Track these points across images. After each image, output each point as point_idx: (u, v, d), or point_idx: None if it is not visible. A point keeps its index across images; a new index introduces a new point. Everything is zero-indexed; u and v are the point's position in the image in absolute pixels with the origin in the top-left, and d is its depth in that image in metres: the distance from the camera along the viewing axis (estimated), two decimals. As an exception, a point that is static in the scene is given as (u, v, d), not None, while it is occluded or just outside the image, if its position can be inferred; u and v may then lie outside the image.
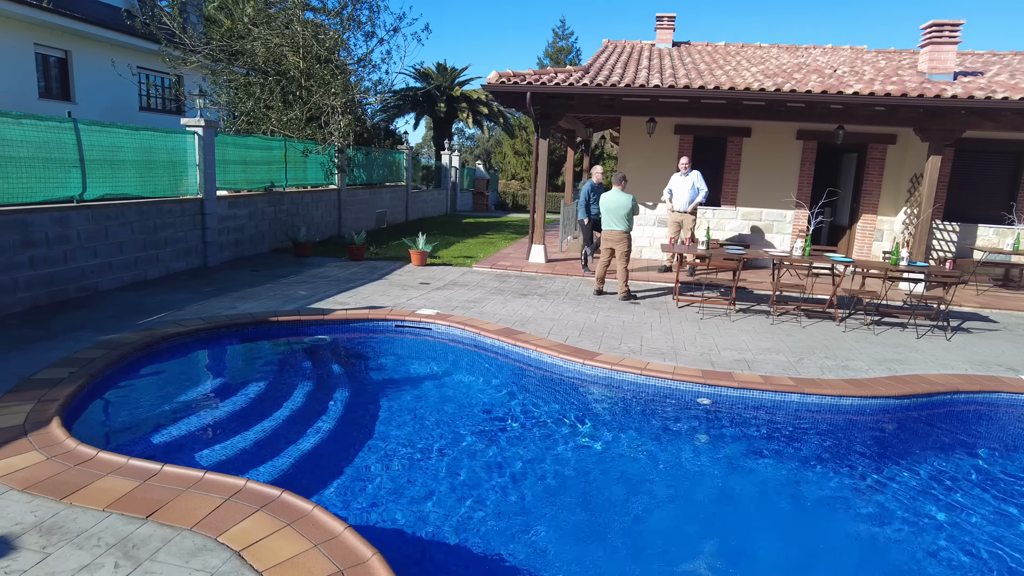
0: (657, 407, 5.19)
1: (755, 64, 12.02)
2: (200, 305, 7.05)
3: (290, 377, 5.47)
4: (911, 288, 9.28)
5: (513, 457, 4.21)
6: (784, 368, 5.93)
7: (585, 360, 5.72)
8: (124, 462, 3.43)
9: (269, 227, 11.17)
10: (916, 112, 9.36)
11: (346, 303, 7.50)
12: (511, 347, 6.20)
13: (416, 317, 6.94)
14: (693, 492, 3.99)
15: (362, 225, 15.39)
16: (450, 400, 5.20)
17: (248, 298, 7.52)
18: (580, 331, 6.84)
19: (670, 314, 7.99)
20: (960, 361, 6.49)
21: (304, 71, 13.02)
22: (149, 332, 5.76)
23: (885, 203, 11.29)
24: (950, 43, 10.40)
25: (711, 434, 4.78)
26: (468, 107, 27.74)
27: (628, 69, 11.30)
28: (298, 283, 8.62)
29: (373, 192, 16.09)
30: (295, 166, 12.13)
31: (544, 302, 8.25)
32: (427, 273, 9.98)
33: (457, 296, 8.31)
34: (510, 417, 4.89)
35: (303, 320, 6.62)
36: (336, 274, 9.47)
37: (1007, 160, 10.96)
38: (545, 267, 10.82)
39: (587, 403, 5.30)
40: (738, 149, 11.61)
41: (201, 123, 8.95)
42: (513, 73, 10.27)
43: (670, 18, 14.82)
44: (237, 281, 8.54)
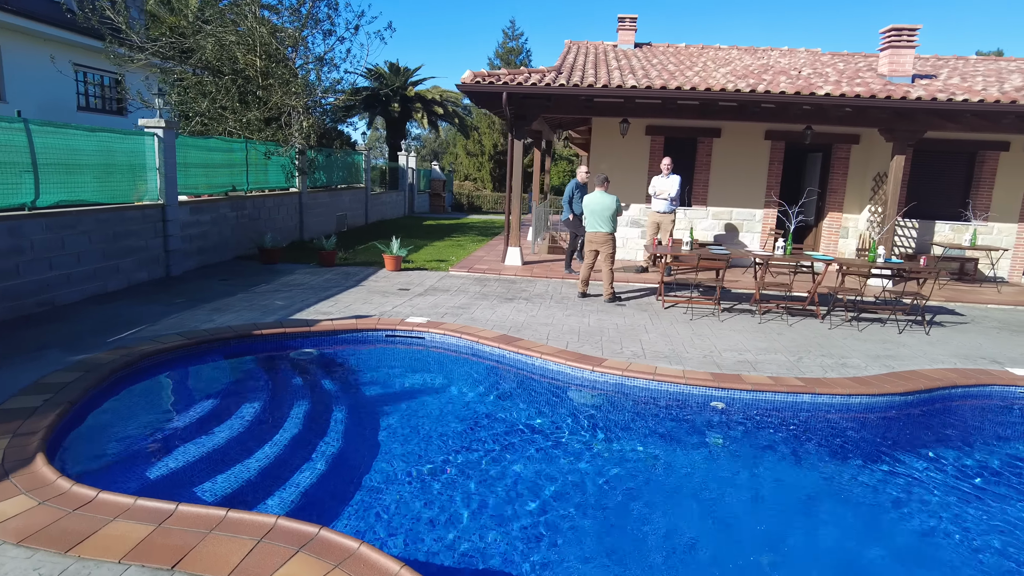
0: (676, 413, 5.09)
1: (722, 65, 12.18)
2: (174, 318, 6.56)
3: (284, 396, 5.12)
4: (884, 284, 9.55)
5: (541, 475, 4.01)
6: (787, 368, 5.94)
7: (594, 367, 5.57)
8: (131, 503, 3.07)
9: (232, 233, 10.61)
10: (884, 113, 9.64)
11: (329, 312, 7.14)
12: (513, 355, 6.00)
13: (407, 326, 6.65)
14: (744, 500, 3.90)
15: (323, 229, 14.87)
16: (459, 416, 4.96)
17: (224, 310, 7.06)
18: (578, 336, 6.70)
19: (659, 316, 7.95)
20: (946, 355, 6.67)
21: (262, 70, 12.46)
22: (126, 350, 5.29)
23: (850, 201, 11.63)
24: (908, 47, 10.78)
25: (742, 440, 4.70)
26: (423, 107, 27.29)
27: (600, 70, 11.26)
28: (272, 292, 8.18)
29: (333, 195, 15.58)
30: (257, 169, 11.58)
31: (532, 306, 8.08)
32: (404, 278, 9.67)
33: (442, 302, 8.04)
34: (529, 430, 4.69)
35: (289, 333, 6.24)
36: (310, 281, 9.05)
37: (961, 159, 11.45)
38: (523, 270, 10.66)
39: (606, 412, 5.14)
40: (708, 150, 11.74)
41: (161, 124, 8.38)
42: (488, 73, 10.06)
43: (632, 19, 14.89)
44: (207, 291, 8.03)
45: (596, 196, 8.51)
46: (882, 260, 8.26)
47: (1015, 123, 9.69)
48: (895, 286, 9.89)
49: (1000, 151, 11.11)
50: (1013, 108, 9.16)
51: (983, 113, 9.39)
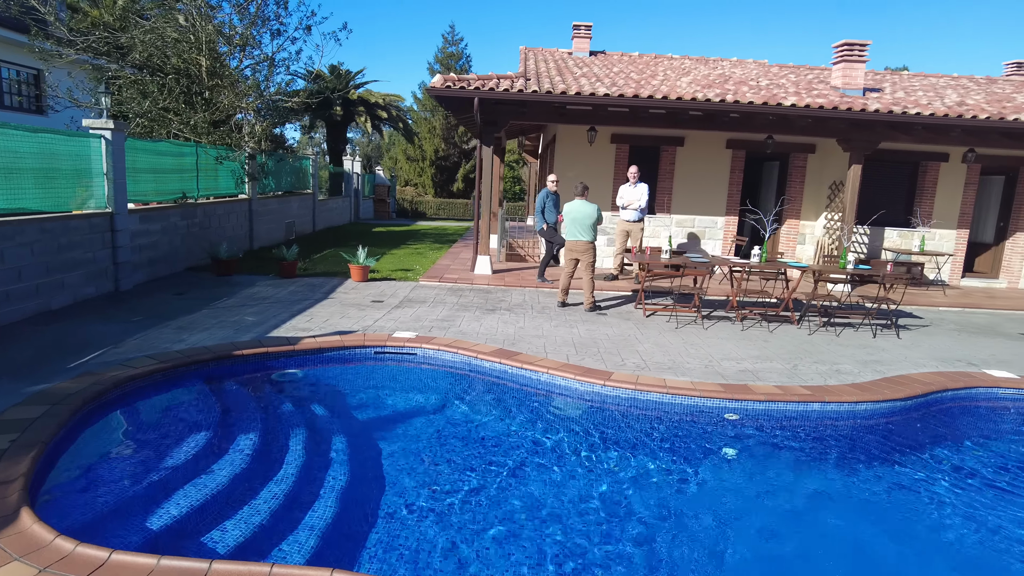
0: (698, 427, 4.99)
1: (682, 74, 12.37)
2: (138, 339, 5.95)
3: (276, 425, 4.68)
4: (844, 289, 9.89)
5: (578, 505, 3.80)
6: (787, 376, 5.98)
7: (605, 381, 5.41)
8: (154, 564, 2.66)
9: (183, 243, 9.86)
10: (843, 124, 10.02)
11: (308, 329, 6.68)
12: (516, 370, 5.76)
13: (396, 342, 6.30)
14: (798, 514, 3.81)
15: (272, 237, 14.14)
16: (468, 439, 4.67)
17: (191, 328, 6.48)
18: (575, 348, 6.54)
19: (645, 325, 7.90)
20: (925, 358, 6.91)
21: (208, 70, 11.72)
22: (93, 378, 4.71)
23: (807, 208, 12.03)
24: (860, 61, 11.27)
25: (771, 451, 4.64)
26: (366, 111, 26.61)
27: (566, 77, 11.20)
28: (238, 307, 7.60)
29: (282, 201, 14.85)
30: (207, 174, 10.84)
31: (516, 317, 7.86)
32: (374, 290, 9.24)
33: (423, 315, 7.71)
34: (550, 452, 4.47)
35: (272, 352, 5.77)
36: (274, 294, 8.49)
37: (906, 169, 12.07)
38: (494, 279, 10.42)
39: (628, 429, 4.97)
40: (672, 158, 11.88)
41: (109, 125, 7.66)
42: (457, 77, 9.79)
43: (587, 27, 14.94)
44: (165, 307, 7.37)
45: (577, 204, 8.39)
46: (852, 266, 8.54)
47: (960, 136, 10.27)
48: (854, 291, 10.27)
49: (940, 162, 11.78)
50: (960, 122, 9.69)
51: (934, 126, 9.90)
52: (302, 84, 25.95)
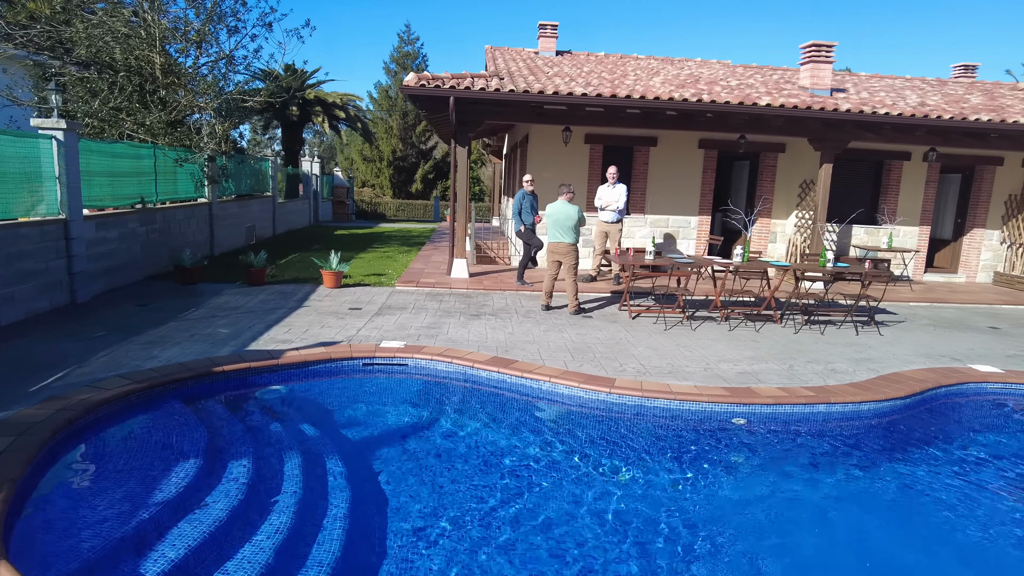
0: (707, 432, 4.88)
1: (652, 74, 12.36)
2: (104, 356, 5.48)
3: (268, 449, 4.32)
4: (818, 286, 10.02)
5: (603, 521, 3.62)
6: (787, 377, 5.94)
7: (611, 389, 5.25)
8: (165, 621, 2.33)
9: (142, 250, 9.27)
10: (816, 123, 10.15)
11: (288, 340, 6.31)
12: (516, 379, 5.54)
13: (386, 352, 5.99)
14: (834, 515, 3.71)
15: (233, 242, 13.53)
16: (474, 456, 4.44)
17: (161, 342, 6.02)
18: (570, 354, 6.36)
19: (634, 327, 7.79)
20: (911, 355, 7.00)
21: (163, 67, 11.11)
22: (61, 403, 4.28)
23: (777, 207, 12.18)
24: (827, 62, 11.46)
25: (786, 454, 4.55)
26: (323, 111, 25.89)
27: (539, 76, 11.03)
28: (208, 318, 7.15)
29: (243, 205, 14.23)
30: (166, 178, 10.24)
31: (503, 323, 7.64)
32: (349, 296, 8.87)
33: (407, 322, 7.40)
34: (564, 466, 4.27)
35: (254, 368, 5.40)
36: (245, 304, 8.04)
37: (871, 168, 12.36)
38: (472, 282, 10.16)
39: (641, 437, 4.81)
40: (645, 158, 11.85)
41: (61, 125, 7.09)
42: (432, 76, 9.50)
43: (553, 27, 14.82)
44: (129, 320, 6.86)
45: (558, 206, 8.23)
46: (831, 264, 8.64)
47: (924, 135, 10.55)
48: (830, 288, 10.43)
49: (903, 161, 12.10)
50: (926, 122, 9.94)
51: (902, 126, 10.13)
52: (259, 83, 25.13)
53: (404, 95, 9.39)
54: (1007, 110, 11.15)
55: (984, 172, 12.42)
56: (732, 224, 13.14)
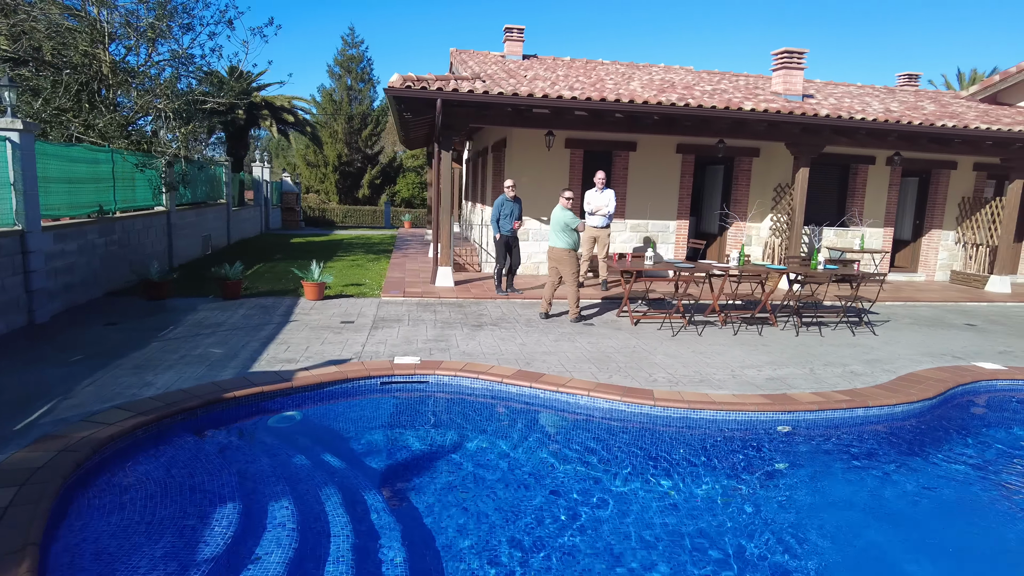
0: (760, 442, 4.73)
1: (625, 79, 12.34)
2: (91, 385, 4.86)
3: (301, 486, 3.87)
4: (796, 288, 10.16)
5: (676, 539, 3.40)
6: (813, 381, 5.90)
7: (655, 401, 5.04)
8: None
9: (101, 264, 8.46)
10: (796, 128, 10.32)
11: (293, 360, 5.81)
12: (551, 394, 5.26)
13: (404, 369, 5.60)
14: (915, 518, 3.60)
15: (191, 252, 12.66)
16: (521, 480, 4.13)
17: (151, 367, 5.42)
18: (593, 364, 6.13)
19: (640, 334, 7.64)
20: (915, 354, 7.12)
21: (112, 65, 10.27)
22: (59, 442, 3.71)
23: (753, 211, 12.36)
24: (798, 68, 11.73)
25: (848, 460, 4.45)
26: (271, 115, 24.83)
27: (519, 79, 10.81)
28: (193, 337, 6.53)
29: (199, 213, 13.35)
30: (124, 184, 9.41)
31: (510, 333, 7.34)
32: (336, 309, 8.36)
33: (411, 335, 7.00)
34: (622, 486, 4.02)
35: (266, 392, 4.91)
36: (227, 320, 7.43)
37: (838, 171, 12.73)
38: (458, 291, 9.80)
39: (699, 452, 4.60)
40: (625, 163, 11.80)
41: (17, 126, 6.34)
42: (417, 77, 9.12)
43: (519, 30, 14.67)
44: (104, 342, 6.18)
45: (556, 212, 8.03)
46: (821, 267, 8.76)
47: (894, 140, 10.91)
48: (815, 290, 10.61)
49: (868, 164, 12.52)
50: (898, 127, 10.28)
51: (875, 131, 10.44)
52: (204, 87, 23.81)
53: (388, 96, 8.95)
54: (963, 116, 11.69)
55: (940, 176, 13.01)
56: (705, 228, 13.27)
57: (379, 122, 39.73)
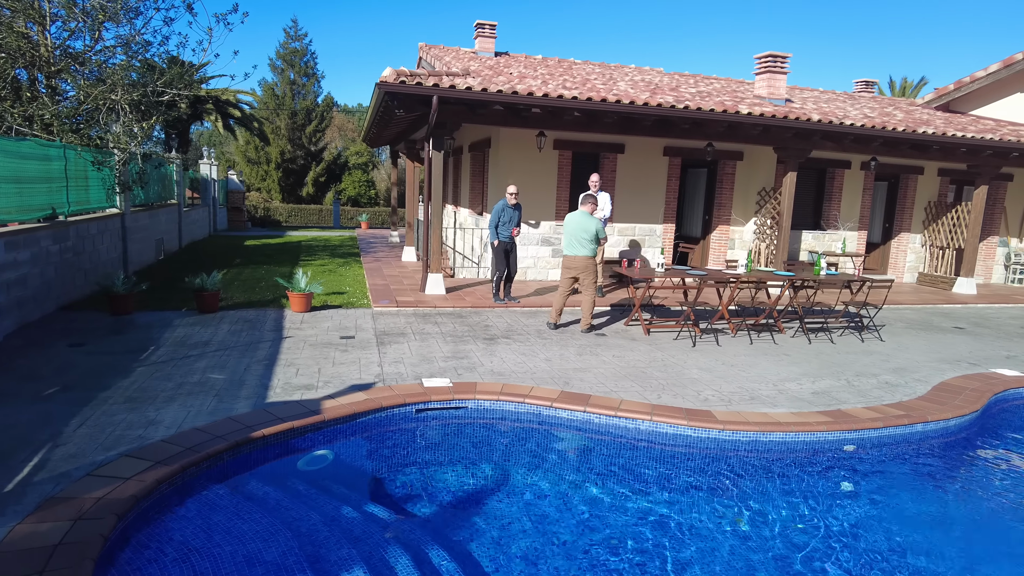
0: (837, 463, 4.48)
1: (612, 80, 12.08)
2: (85, 426, 4.11)
3: (364, 546, 3.32)
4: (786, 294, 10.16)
5: None
6: (855, 394, 5.74)
7: (725, 425, 4.71)
8: None
9: (56, 275, 7.47)
10: (788, 133, 10.30)
11: (310, 385, 5.18)
12: (607, 419, 4.85)
13: (440, 394, 5.07)
14: None
15: (145, 258, 11.56)
16: (595, 521, 3.72)
17: (147, 399, 4.68)
18: (633, 381, 5.76)
19: (660, 345, 7.34)
20: (933, 361, 7.12)
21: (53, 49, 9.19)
22: (69, 507, 3.03)
23: (736, 214, 12.34)
24: (782, 72, 11.77)
25: (925, 477, 4.24)
26: (216, 109, 23.33)
27: (507, 76, 10.36)
28: (181, 360, 5.76)
29: (152, 215, 12.22)
30: (77, 184, 8.37)
31: (527, 346, 6.89)
32: (329, 322, 7.68)
33: (425, 351, 6.44)
34: (717, 524, 3.67)
35: (297, 428, 4.29)
36: (212, 337, 6.65)
37: (816, 175, 12.89)
38: (452, 299, 9.25)
39: (781, 480, 4.30)
40: (613, 165, 11.53)
41: (-34, 116, 5.41)
42: (410, 73, 8.52)
43: (491, 26, 14.20)
44: (74, 368, 5.34)
45: (574, 216, 7.65)
46: (824, 273, 8.73)
47: (878, 148, 11.09)
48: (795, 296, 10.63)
49: (845, 169, 12.73)
50: (883, 134, 10.43)
51: (862, 136, 10.55)
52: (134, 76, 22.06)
53: (382, 91, 8.31)
54: (934, 123, 12.03)
55: (908, 180, 13.39)
56: (687, 232, 13.19)
57: (324, 118, 38.40)
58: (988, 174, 12.19)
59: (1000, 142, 11.13)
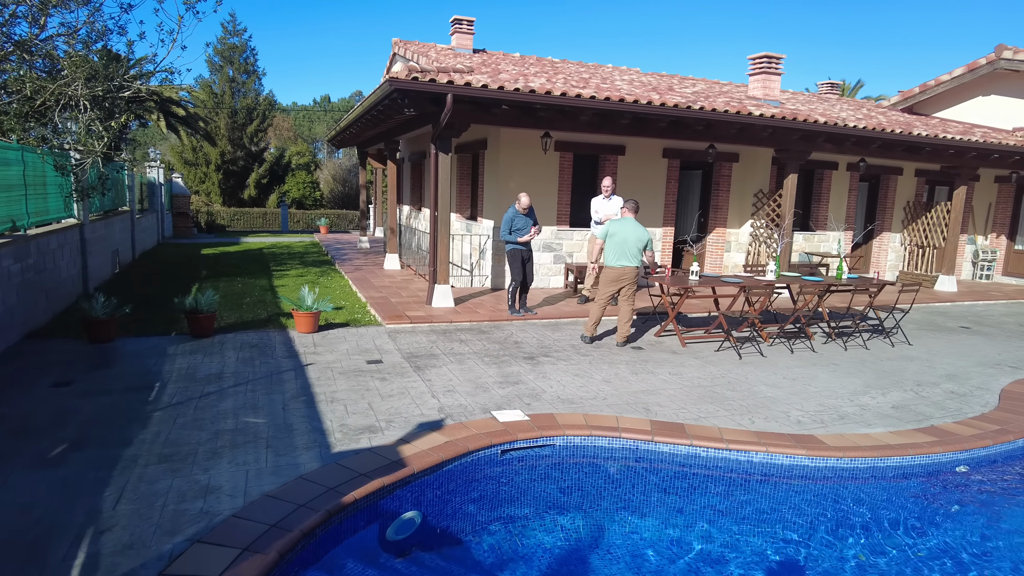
0: (969, 486, 4.17)
1: (611, 79, 11.69)
2: (124, 500, 3.30)
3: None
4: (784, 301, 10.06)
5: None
6: (933, 407, 5.52)
7: (844, 453, 4.34)
8: None
9: (19, 299, 6.39)
10: (795, 135, 10.17)
11: (371, 427, 4.49)
12: (715, 453, 4.38)
13: (522, 431, 4.48)
14: None
15: (102, 272, 10.32)
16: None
17: (185, 456, 3.87)
18: (710, 403, 5.33)
19: (706, 357, 6.97)
20: (975, 366, 7.04)
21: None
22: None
23: (732, 217, 12.19)
24: (776, 73, 11.69)
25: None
26: (158, 107, 21.55)
27: (507, 74, 9.78)
28: (198, 399, 4.92)
29: (107, 224, 10.95)
30: (36, 191, 7.25)
31: (574, 365, 6.36)
32: (345, 344, 6.91)
33: (470, 376, 5.81)
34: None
35: (387, 485, 3.61)
36: (222, 369, 5.80)
37: (803, 176, 12.90)
38: (465, 312, 8.61)
39: (925, 509, 3.94)
40: (614, 167, 11.13)
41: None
42: (421, 68, 7.84)
43: (469, 22, 13.60)
44: (74, 416, 4.43)
45: (629, 225, 7.20)
46: (846, 277, 8.61)
47: (876, 150, 11.14)
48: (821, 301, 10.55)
49: (832, 170, 12.81)
50: (882, 136, 10.47)
51: (863, 139, 10.56)
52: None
53: (391, 88, 7.57)
54: (913, 124, 12.24)
55: (889, 181, 13.64)
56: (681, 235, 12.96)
57: (265, 116, 36.65)
58: (967, 175, 12.52)
59: (986, 144, 11.41)
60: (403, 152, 16.99)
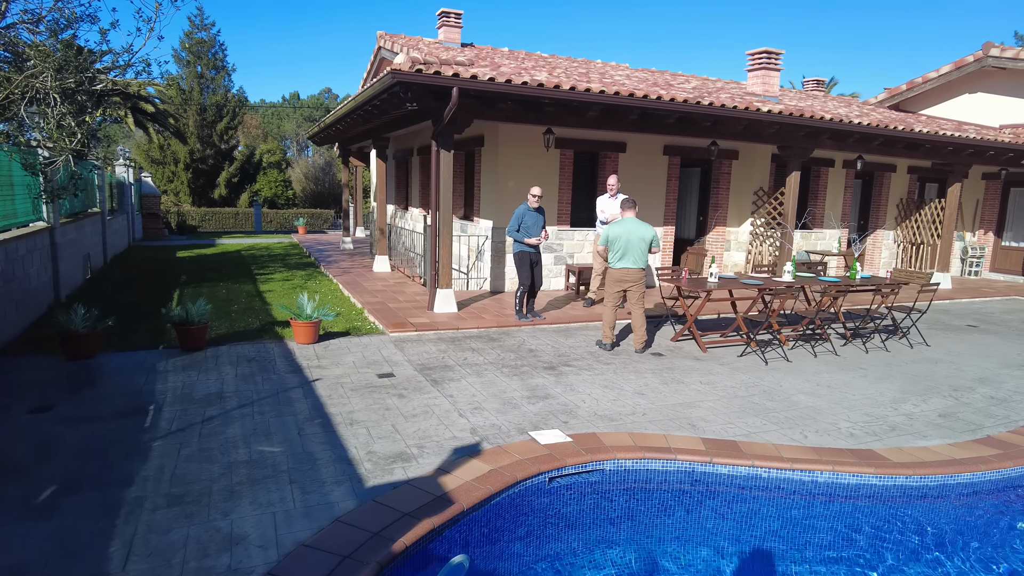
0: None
1: (606, 74, 11.36)
2: (137, 555, 2.82)
3: None
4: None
5: None
6: (980, 415, 5.30)
7: (914, 470, 4.05)
8: None
9: (-12, 312, 5.78)
10: (801, 132, 9.97)
11: (401, 453, 4.06)
12: (778, 473, 4.06)
13: (568, 455, 4.10)
14: None
15: (73, 279, 9.62)
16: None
17: (197, 497, 3.40)
18: (755, 416, 5.03)
19: (730, 362, 6.68)
20: (1002, 367, 6.88)
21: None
22: None
23: (732, 215, 11.97)
24: (776, 69, 11.50)
25: None
26: (124, 103, 20.54)
27: (505, 68, 9.37)
28: (201, 424, 4.42)
29: (78, 227, 10.22)
30: (3, 193, 6.60)
31: (599, 376, 6.00)
32: (350, 356, 6.44)
33: (494, 390, 5.40)
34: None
35: (437, 527, 3.19)
36: (222, 387, 5.29)
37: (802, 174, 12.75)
38: (470, 318, 8.18)
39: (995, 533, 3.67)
40: (615, 165, 10.81)
41: None
42: (424, 60, 7.38)
43: (456, 15, 13.18)
44: (60, 449, 3.90)
45: (630, 225, 6.87)
46: (860, 276, 8.42)
47: (878, 147, 11.01)
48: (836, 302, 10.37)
49: (828, 167, 12.69)
50: (884, 132, 10.33)
51: (867, 136, 10.42)
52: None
53: (394, 80, 7.10)
54: (907, 121, 12.18)
55: (882, 178, 13.59)
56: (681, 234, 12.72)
57: (236, 114, 35.56)
58: (960, 172, 12.51)
59: (983, 141, 11.39)
60: (388, 150, 16.43)
